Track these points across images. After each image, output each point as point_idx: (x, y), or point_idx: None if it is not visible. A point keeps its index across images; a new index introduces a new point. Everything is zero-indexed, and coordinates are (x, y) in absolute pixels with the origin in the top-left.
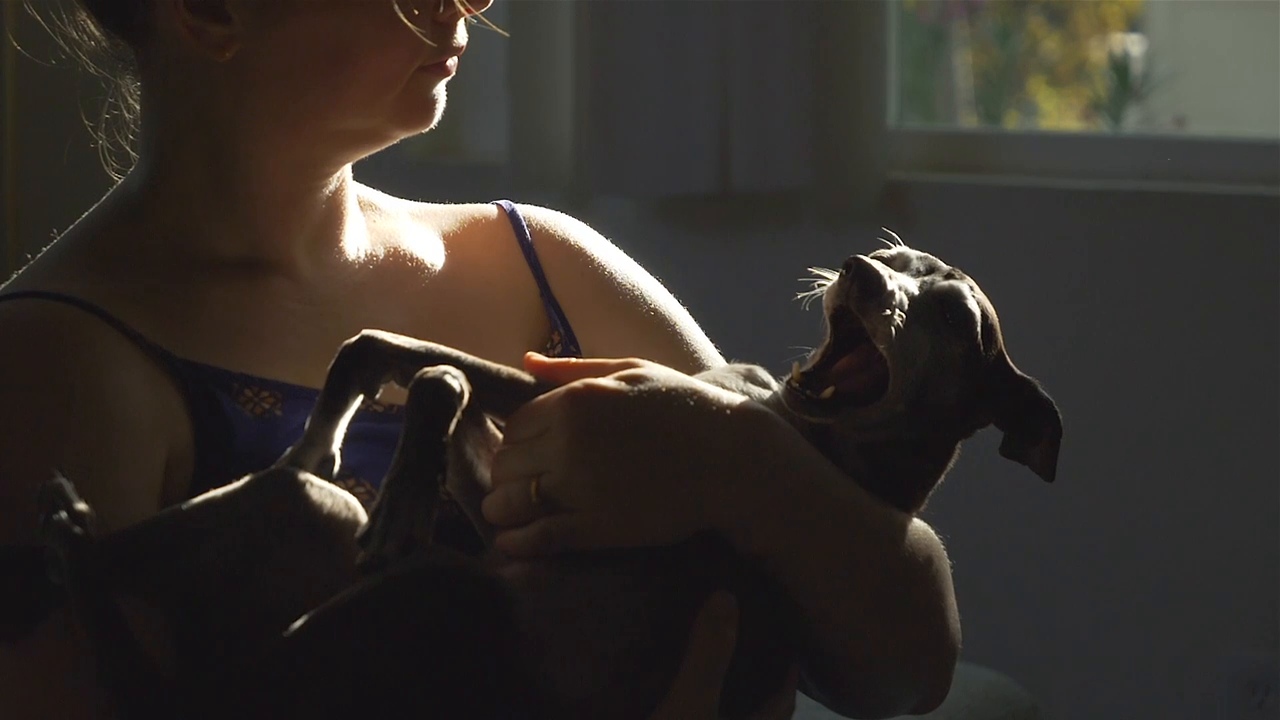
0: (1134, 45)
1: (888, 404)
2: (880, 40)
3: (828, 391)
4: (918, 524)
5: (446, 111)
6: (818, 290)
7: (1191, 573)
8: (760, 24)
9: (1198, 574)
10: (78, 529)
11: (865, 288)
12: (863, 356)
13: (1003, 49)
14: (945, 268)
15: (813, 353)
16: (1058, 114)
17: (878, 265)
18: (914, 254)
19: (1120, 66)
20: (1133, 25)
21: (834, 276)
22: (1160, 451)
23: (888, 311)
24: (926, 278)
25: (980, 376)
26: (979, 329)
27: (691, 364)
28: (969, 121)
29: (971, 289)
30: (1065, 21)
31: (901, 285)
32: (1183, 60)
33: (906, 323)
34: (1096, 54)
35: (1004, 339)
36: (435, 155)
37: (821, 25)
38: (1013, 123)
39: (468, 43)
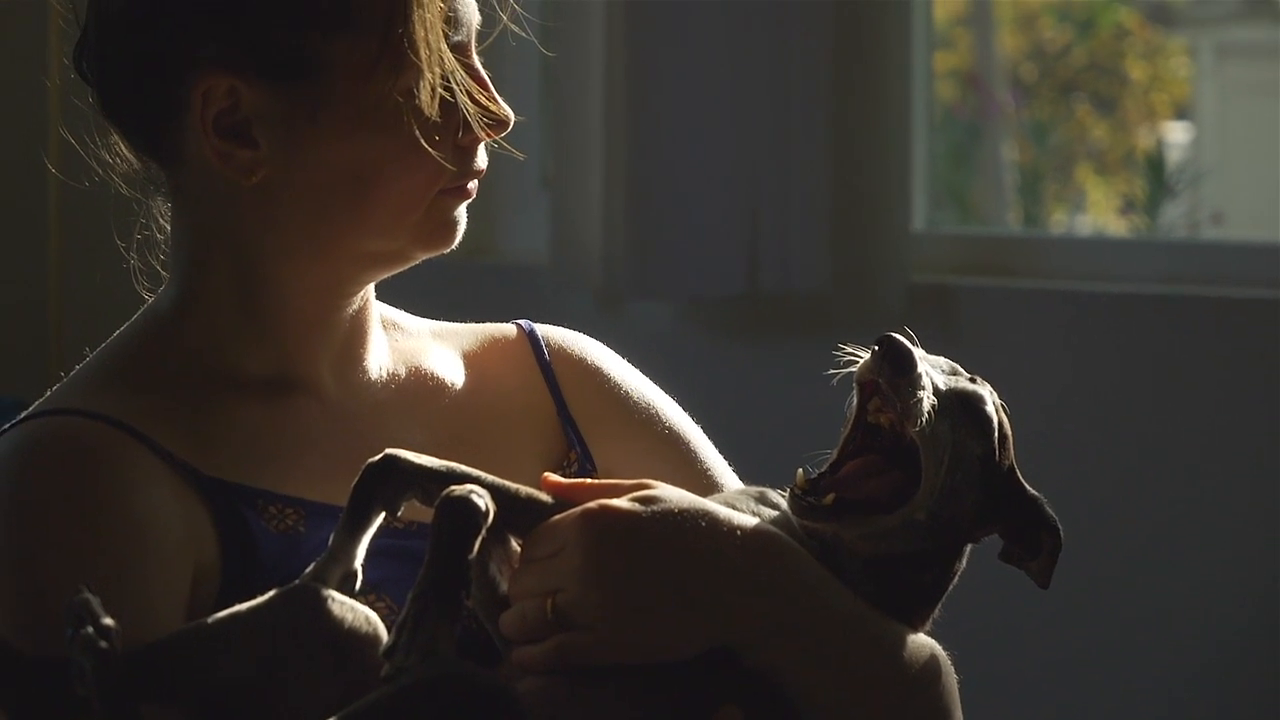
0: (1181, 134)
1: (913, 509)
2: (904, 144)
3: (829, 498)
4: (924, 640)
5: (483, 213)
6: (846, 370)
7: (1212, 679)
8: (787, 128)
9: (1218, 680)
10: (103, 643)
11: (896, 365)
12: (869, 464)
13: (1040, 146)
14: (965, 374)
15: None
16: (1105, 203)
17: (909, 344)
18: (936, 357)
19: (1155, 163)
20: (1181, 113)
21: (865, 354)
22: (1191, 555)
23: (920, 393)
24: (950, 378)
25: (994, 486)
26: (995, 434)
27: (705, 483)
28: (1014, 218)
29: (991, 394)
30: (1114, 109)
31: (929, 372)
32: (1231, 150)
33: (933, 413)
34: (1145, 142)
35: (1030, 444)
36: (472, 257)
37: (847, 129)
38: (1059, 212)
39: (506, 144)
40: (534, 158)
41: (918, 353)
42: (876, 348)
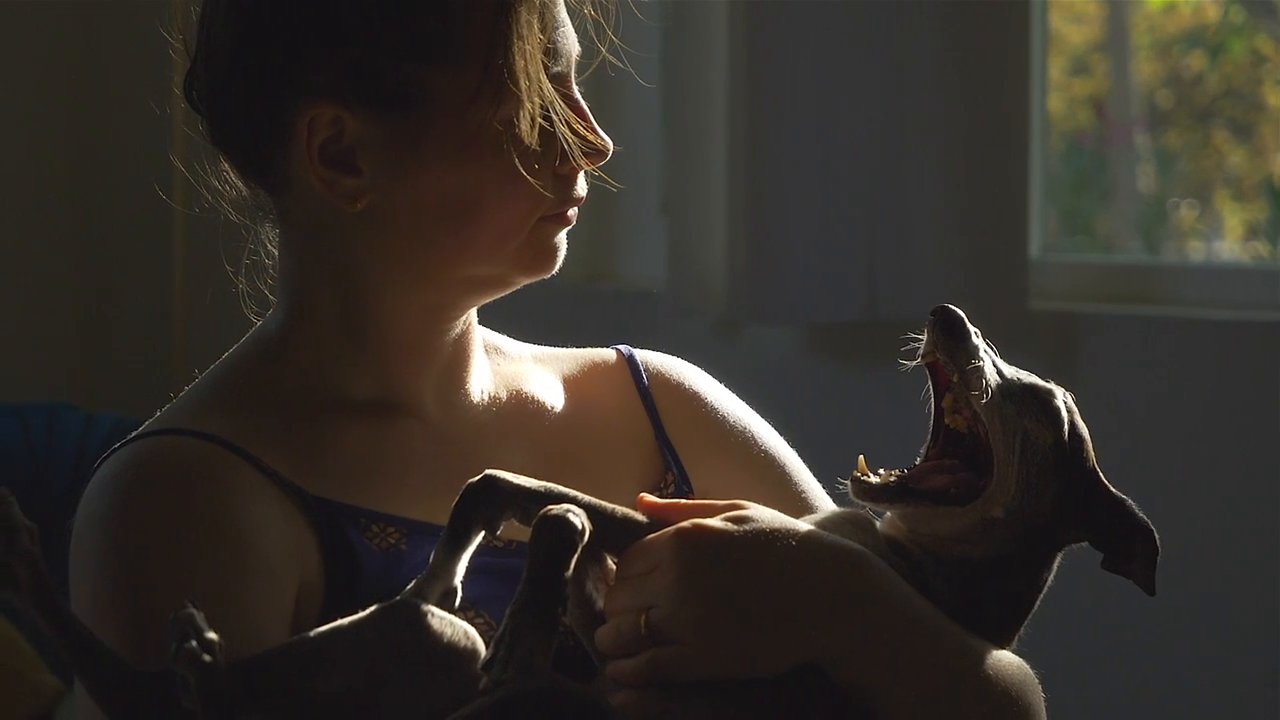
0: None
1: (988, 504)
2: (1022, 171)
3: (888, 475)
4: (1011, 658)
5: (601, 238)
6: (916, 362)
7: None
8: (906, 155)
9: None
10: (207, 657)
11: (948, 330)
12: (943, 465)
13: (1166, 174)
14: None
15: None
16: (1241, 229)
17: (962, 314)
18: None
19: (1276, 192)
20: None
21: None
22: None
23: (976, 362)
24: (1021, 373)
25: (1072, 482)
26: (1066, 424)
27: (800, 505)
28: (1143, 245)
29: (1065, 395)
30: (1251, 135)
31: (986, 350)
32: None
33: (999, 394)
34: None
35: (1151, 470)
36: (590, 282)
37: (966, 156)
38: (1195, 239)
39: (625, 171)
40: (652, 183)
41: (973, 329)
42: (931, 318)
